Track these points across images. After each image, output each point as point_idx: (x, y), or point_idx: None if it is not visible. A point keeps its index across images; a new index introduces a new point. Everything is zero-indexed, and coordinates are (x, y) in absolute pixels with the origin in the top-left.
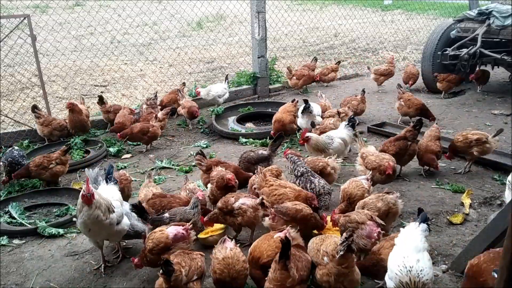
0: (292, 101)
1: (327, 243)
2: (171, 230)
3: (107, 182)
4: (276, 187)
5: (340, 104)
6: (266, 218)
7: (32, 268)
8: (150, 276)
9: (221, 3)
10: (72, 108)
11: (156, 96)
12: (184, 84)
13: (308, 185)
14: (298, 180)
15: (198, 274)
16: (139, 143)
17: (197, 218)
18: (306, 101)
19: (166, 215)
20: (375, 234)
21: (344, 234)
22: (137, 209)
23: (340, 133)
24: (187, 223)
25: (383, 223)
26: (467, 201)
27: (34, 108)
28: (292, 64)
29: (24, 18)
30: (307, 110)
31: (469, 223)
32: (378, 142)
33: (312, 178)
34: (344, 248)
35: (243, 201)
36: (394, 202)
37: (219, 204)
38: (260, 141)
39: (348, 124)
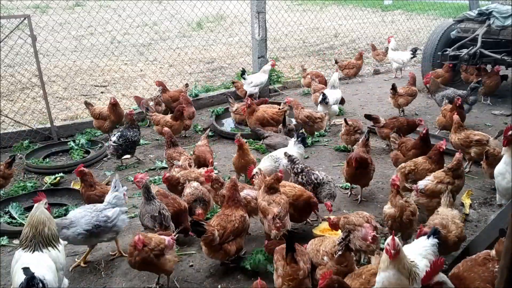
0: (280, 108)
1: (326, 243)
2: (165, 238)
3: None
4: None
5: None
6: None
7: None
8: (150, 277)
9: (221, 3)
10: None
11: (161, 92)
12: (187, 85)
13: (313, 177)
14: (299, 177)
15: (235, 234)
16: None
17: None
18: (323, 94)
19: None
20: (370, 237)
21: (341, 234)
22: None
23: (290, 152)
24: (173, 233)
25: (379, 226)
26: (467, 202)
27: (88, 104)
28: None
29: (24, 18)
30: (323, 101)
31: (469, 223)
32: (378, 143)
33: (312, 171)
34: (341, 248)
35: (247, 192)
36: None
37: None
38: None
39: (297, 139)
